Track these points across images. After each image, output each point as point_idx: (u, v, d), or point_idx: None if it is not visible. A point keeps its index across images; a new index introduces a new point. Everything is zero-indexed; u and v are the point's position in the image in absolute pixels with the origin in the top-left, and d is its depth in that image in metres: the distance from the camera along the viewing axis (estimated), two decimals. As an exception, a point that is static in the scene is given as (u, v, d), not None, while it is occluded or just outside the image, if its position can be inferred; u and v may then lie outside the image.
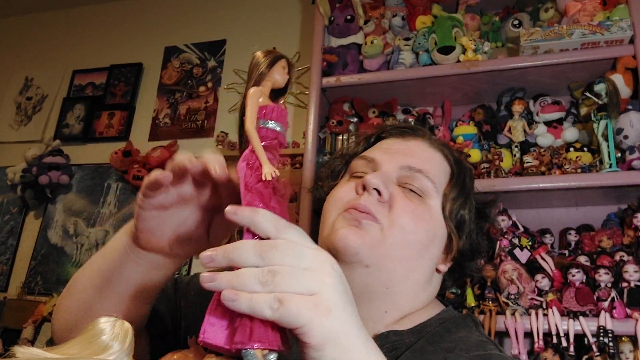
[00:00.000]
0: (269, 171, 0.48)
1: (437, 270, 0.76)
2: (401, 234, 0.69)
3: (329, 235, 0.70)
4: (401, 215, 0.69)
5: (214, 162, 0.56)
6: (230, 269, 0.43)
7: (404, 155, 0.75)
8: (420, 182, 0.72)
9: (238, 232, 0.83)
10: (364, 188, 0.70)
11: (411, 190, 0.72)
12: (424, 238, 0.71)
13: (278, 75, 0.53)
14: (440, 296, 1.49)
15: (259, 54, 0.54)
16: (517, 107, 1.67)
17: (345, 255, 0.67)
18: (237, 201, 0.48)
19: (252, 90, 0.52)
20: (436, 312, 0.74)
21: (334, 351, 0.40)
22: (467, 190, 0.77)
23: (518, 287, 1.42)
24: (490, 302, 1.44)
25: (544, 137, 1.62)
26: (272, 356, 0.41)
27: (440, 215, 0.73)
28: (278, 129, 0.51)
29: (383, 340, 0.67)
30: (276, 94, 0.55)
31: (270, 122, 0.51)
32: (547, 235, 1.58)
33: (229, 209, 0.45)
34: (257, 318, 0.40)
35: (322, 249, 0.45)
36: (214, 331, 0.42)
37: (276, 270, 0.41)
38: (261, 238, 0.44)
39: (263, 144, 0.50)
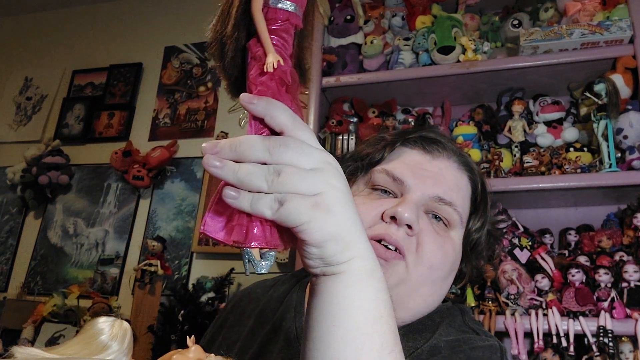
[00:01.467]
0: (272, 60, 0.43)
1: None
2: (428, 272, 0.67)
3: None
4: (429, 253, 0.67)
5: None
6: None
7: (434, 182, 0.71)
8: (449, 215, 0.71)
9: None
10: (393, 218, 0.67)
11: (437, 217, 0.71)
12: (445, 272, 0.70)
13: None
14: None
15: None
16: (517, 107, 1.67)
17: None
18: None
19: None
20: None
21: (335, 247, 0.41)
22: (485, 216, 0.76)
23: (518, 287, 1.42)
24: (490, 302, 1.44)
25: (543, 137, 1.62)
26: (270, 254, 0.41)
27: (460, 246, 0.73)
28: (291, 8, 0.44)
29: None
30: None
31: (282, 1, 0.44)
32: (547, 235, 1.58)
33: (243, 96, 0.42)
34: (257, 216, 0.40)
35: (326, 152, 0.44)
36: (214, 224, 0.41)
37: (281, 170, 0.40)
38: (270, 133, 0.42)
39: (272, 27, 0.44)
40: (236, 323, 0.81)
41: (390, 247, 0.66)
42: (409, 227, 0.66)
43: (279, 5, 0.44)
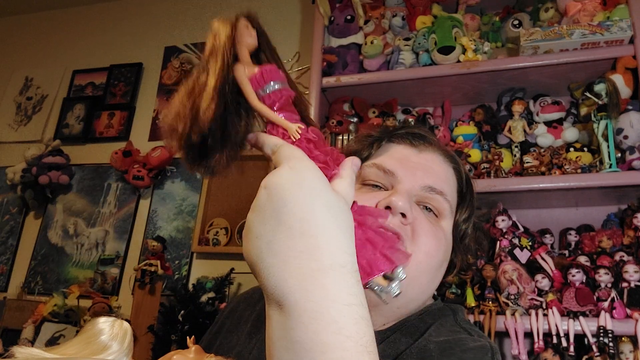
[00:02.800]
0: (294, 128, 0.48)
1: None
2: (425, 259, 0.68)
3: None
4: (425, 240, 0.68)
5: None
6: None
7: (423, 173, 0.73)
8: (439, 204, 0.72)
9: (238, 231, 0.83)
10: (387, 208, 0.68)
11: (427, 208, 0.72)
12: (439, 260, 0.71)
13: (248, 38, 0.51)
14: (441, 296, 1.50)
15: (215, 24, 0.53)
16: (517, 107, 1.67)
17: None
18: None
19: (235, 68, 0.50)
20: (422, 307, 0.74)
21: None
22: (471, 206, 0.78)
23: (518, 287, 1.42)
24: (490, 302, 1.44)
25: (544, 137, 1.62)
26: (396, 272, 0.45)
27: (450, 235, 0.74)
28: (277, 86, 0.50)
29: None
30: (256, 55, 0.53)
31: (267, 86, 0.50)
32: (547, 236, 1.58)
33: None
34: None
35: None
36: None
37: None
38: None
39: (275, 108, 0.50)
40: (233, 328, 0.81)
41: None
42: (403, 215, 0.67)
43: (268, 91, 0.50)
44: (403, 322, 0.70)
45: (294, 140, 0.48)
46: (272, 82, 0.50)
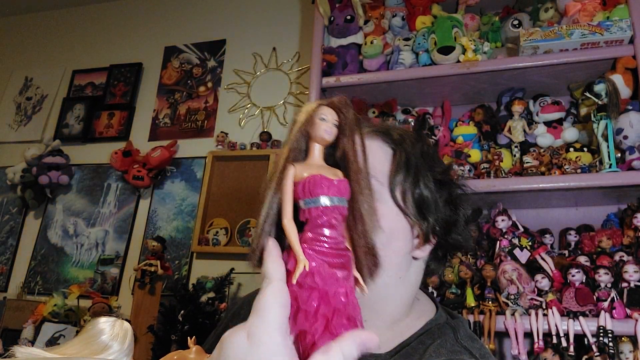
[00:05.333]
0: (301, 266, 0.39)
1: (415, 258, 0.72)
2: None
3: None
4: None
5: None
6: None
7: None
8: None
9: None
10: None
11: None
12: (380, 240, 0.66)
13: (319, 131, 0.42)
14: (441, 296, 1.50)
15: (299, 110, 0.44)
16: (517, 107, 1.67)
17: None
18: None
19: (286, 168, 0.41)
20: (421, 324, 0.71)
21: None
22: (414, 167, 0.70)
23: (518, 287, 1.42)
24: (490, 302, 1.44)
25: (543, 137, 1.62)
26: None
27: (393, 206, 0.68)
28: (325, 202, 0.40)
29: None
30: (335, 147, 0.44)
31: (309, 200, 0.40)
32: (547, 236, 1.58)
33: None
34: None
35: None
36: None
37: None
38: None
39: (306, 228, 0.41)
40: None
41: None
42: None
43: (308, 206, 0.41)
44: (402, 345, 0.68)
45: (295, 283, 0.39)
46: (318, 197, 0.41)
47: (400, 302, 0.71)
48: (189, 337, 0.42)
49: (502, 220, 1.54)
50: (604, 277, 1.36)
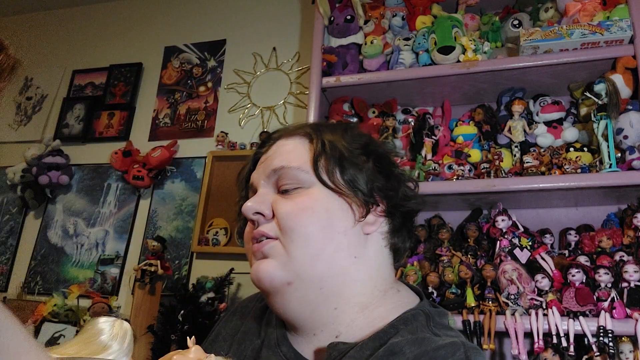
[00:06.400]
0: None
1: (367, 233, 0.72)
2: (295, 235, 0.67)
3: (251, 274, 0.71)
4: (285, 218, 0.68)
5: None
6: None
7: (266, 163, 0.74)
8: (288, 176, 0.70)
9: (238, 232, 0.82)
10: (251, 220, 0.71)
11: (289, 189, 0.71)
12: (319, 224, 0.68)
13: None
14: (441, 296, 1.50)
15: None
16: (517, 107, 1.67)
17: (264, 286, 0.69)
18: None
19: None
20: (397, 314, 0.69)
21: None
22: (333, 147, 0.71)
23: (518, 287, 1.42)
24: (490, 302, 1.44)
25: (543, 137, 1.62)
26: None
27: (323, 189, 0.70)
28: None
29: (332, 349, 0.66)
30: None
31: None
32: (547, 235, 1.58)
33: None
34: None
35: None
36: None
37: None
38: None
39: None
40: (228, 337, 0.82)
41: (260, 239, 0.70)
42: (262, 215, 0.70)
43: None
44: (372, 336, 0.67)
45: None
46: None
47: (362, 282, 0.71)
48: (188, 337, 0.42)
49: (502, 220, 1.54)
50: (604, 277, 1.36)
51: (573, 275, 1.39)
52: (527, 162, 1.57)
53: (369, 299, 0.71)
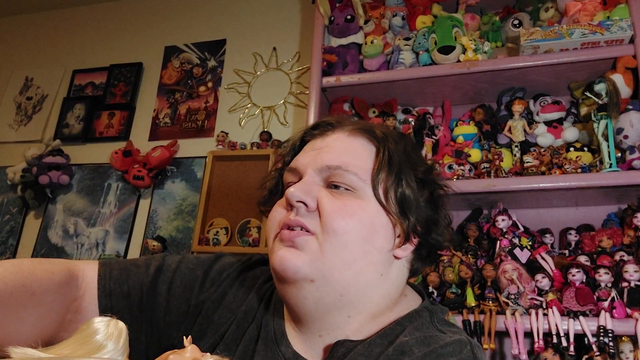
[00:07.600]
0: None
1: (396, 257, 0.72)
2: (336, 238, 0.66)
3: (270, 259, 0.69)
4: (330, 218, 0.67)
5: None
6: None
7: (322, 154, 0.72)
8: (343, 178, 0.69)
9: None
10: (290, 205, 0.69)
11: (339, 187, 0.70)
12: (361, 234, 0.68)
13: None
14: (441, 296, 1.50)
15: None
16: (517, 107, 1.66)
17: (286, 276, 0.67)
18: None
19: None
20: (402, 314, 0.71)
21: None
22: (397, 165, 0.71)
23: (518, 287, 1.42)
24: (490, 302, 1.44)
25: (544, 137, 1.62)
26: None
27: (375, 203, 0.69)
28: None
29: (339, 346, 0.67)
30: None
31: None
32: (547, 235, 1.58)
33: None
34: None
35: None
36: None
37: None
38: None
39: None
40: (233, 307, 0.82)
41: (295, 228, 0.68)
42: (305, 204, 0.68)
43: None
44: (379, 333, 0.69)
45: None
46: None
47: (382, 299, 0.71)
48: (184, 337, 0.42)
49: (503, 220, 1.54)
50: (604, 277, 1.36)
51: (573, 275, 1.39)
52: (527, 162, 1.57)
53: (381, 309, 0.72)
